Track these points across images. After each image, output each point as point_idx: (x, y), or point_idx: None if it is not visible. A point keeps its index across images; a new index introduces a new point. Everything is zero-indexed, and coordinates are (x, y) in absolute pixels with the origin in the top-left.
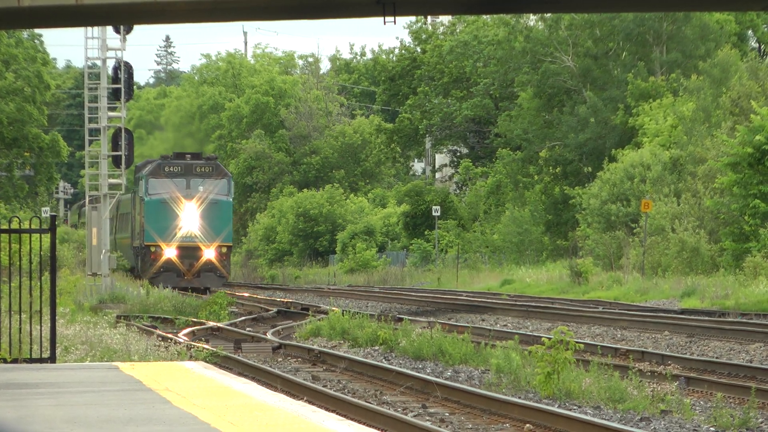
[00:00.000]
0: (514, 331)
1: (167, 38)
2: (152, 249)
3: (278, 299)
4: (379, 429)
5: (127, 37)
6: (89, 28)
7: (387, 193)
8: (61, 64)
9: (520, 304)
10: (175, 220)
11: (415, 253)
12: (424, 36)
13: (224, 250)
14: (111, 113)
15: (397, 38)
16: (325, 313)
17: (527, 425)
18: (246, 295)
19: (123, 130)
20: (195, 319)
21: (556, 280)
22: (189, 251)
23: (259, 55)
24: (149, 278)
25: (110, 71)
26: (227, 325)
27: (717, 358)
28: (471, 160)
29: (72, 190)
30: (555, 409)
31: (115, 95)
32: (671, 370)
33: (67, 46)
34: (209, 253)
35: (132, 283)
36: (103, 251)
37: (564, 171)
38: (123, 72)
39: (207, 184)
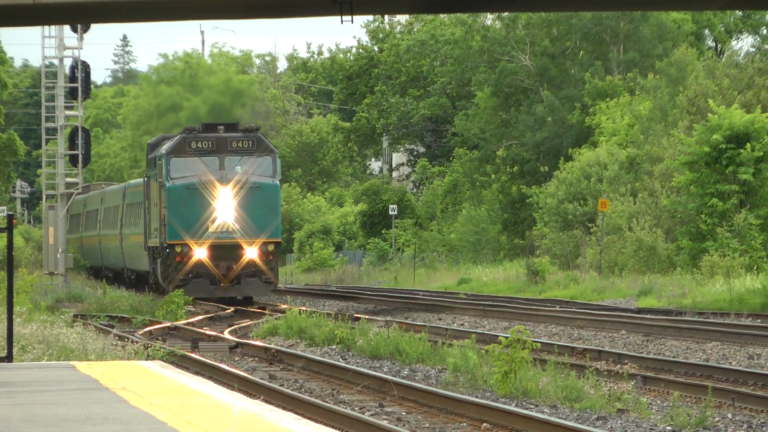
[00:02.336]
0: (471, 330)
1: (124, 37)
2: (177, 249)
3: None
4: (335, 428)
5: (85, 36)
6: (46, 27)
7: (344, 192)
8: (18, 63)
9: (477, 303)
10: (206, 211)
11: (372, 252)
12: (381, 35)
13: (271, 248)
14: (68, 112)
15: (355, 37)
16: (282, 312)
17: (484, 424)
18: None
19: (80, 129)
20: (152, 318)
21: (513, 279)
22: (226, 251)
23: (217, 55)
24: (174, 287)
25: (67, 70)
26: (184, 324)
27: (673, 357)
28: (428, 159)
29: (29, 189)
30: (512, 408)
31: (72, 94)
32: (628, 369)
33: (24, 45)
34: (252, 253)
35: (90, 282)
36: (60, 250)
37: (521, 170)
38: (80, 71)
39: (247, 164)
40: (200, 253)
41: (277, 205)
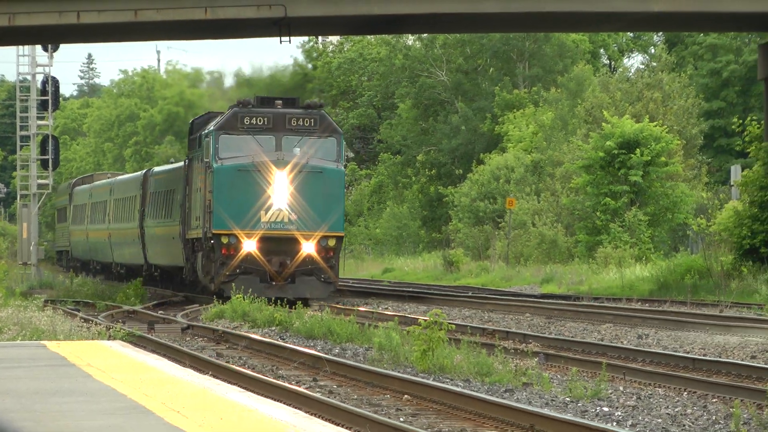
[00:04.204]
0: (394, 313)
1: (89, 56)
2: (224, 240)
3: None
4: (275, 399)
5: (54, 54)
6: (21, 47)
7: None
8: None
9: (400, 289)
10: (259, 197)
11: None
12: (315, 54)
13: (332, 242)
14: (40, 122)
15: (291, 56)
16: (228, 297)
17: (405, 396)
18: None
19: (50, 137)
20: (113, 303)
21: (431, 269)
22: (280, 244)
23: (171, 71)
24: (219, 284)
25: (39, 85)
26: (142, 309)
27: (572, 337)
28: (356, 163)
29: (5, 190)
30: (430, 381)
31: (43, 106)
32: (532, 348)
33: (1, 63)
34: (309, 247)
35: (60, 271)
36: (32, 243)
37: (438, 172)
38: (50, 85)
39: (307, 145)
40: (250, 245)
41: (340, 193)
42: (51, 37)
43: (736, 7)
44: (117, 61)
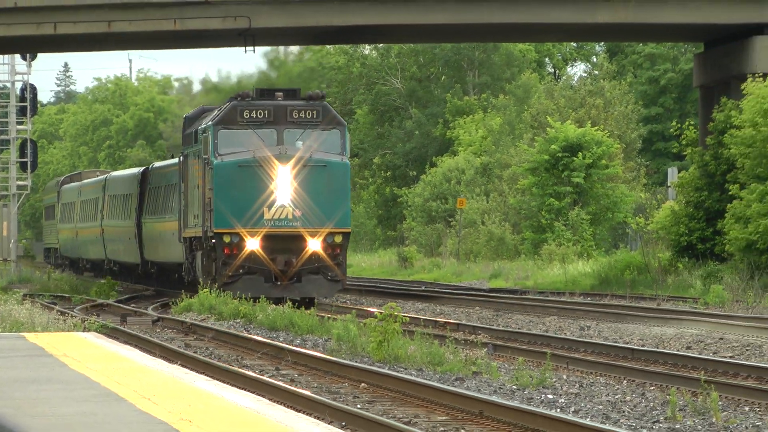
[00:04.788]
0: (351, 306)
1: (66, 64)
2: (226, 239)
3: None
4: (239, 387)
5: (33, 63)
6: (0, 56)
7: None
8: None
9: (357, 284)
10: (261, 194)
11: None
12: (277, 63)
13: (338, 239)
14: (19, 126)
15: (256, 65)
16: (196, 292)
17: (362, 384)
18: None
19: (29, 141)
20: (88, 297)
21: (387, 265)
22: (284, 242)
23: (142, 78)
24: (222, 284)
25: (18, 92)
26: (115, 302)
27: (519, 328)
28: None
29: None
30: (385, 371)
31: (22, 111)
32: (481, 339)
33: None
34: (315, 245)
35: (46, 267)
36: (12, 241)
37: (393, 174)
38: (29, 92)
39: (311, 138)
40: (253, 244)
41: (346, 187)
42: (29, 47)
43: (673, 19)
44: (91, 69)
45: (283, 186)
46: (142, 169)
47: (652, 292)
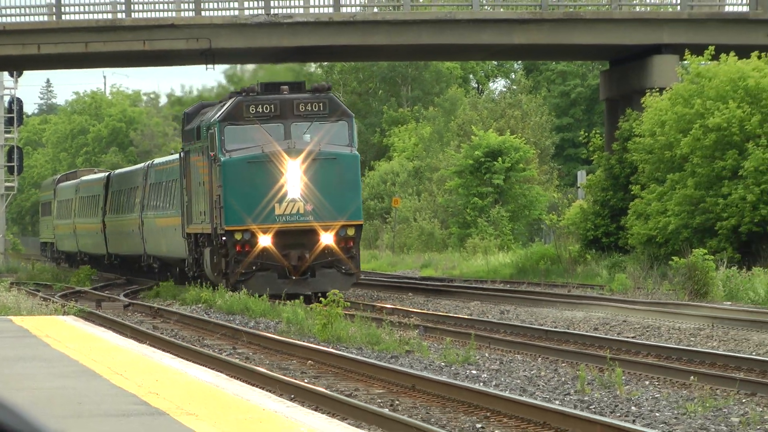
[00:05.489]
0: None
1: (48, 80)
2: (237, 236)
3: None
4: (201, 364)
5: (19, 79)
6: None
7: None
8: None
9: None
10: (271, 189)
11: None
12: (235, 78)
13: (351, 232)
14: (6, 135)
15: (216, 81)
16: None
17: (309, 361)
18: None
19: (16, 148)
20: (68, 285)
21: None
22: (297, 237)
23: (115, 93)
24: (234, 281)
25: (6, 104)
26: (91, 289)
27: (446, 312)
28: None
29: None
30: (329, 349)
31: (9, 122)
32: (414, 321)
33: None
34: (328, 239)
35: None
36: (0, 235)
37: None
38: (16, 105)
39: (318, 131)
40: (265, 240)
41: (357, 179)
42: (16, 65)
43: (582, 40)
44: (71, 84)
45: (294, 180)
46: (146, 163)
47: (564, 280)
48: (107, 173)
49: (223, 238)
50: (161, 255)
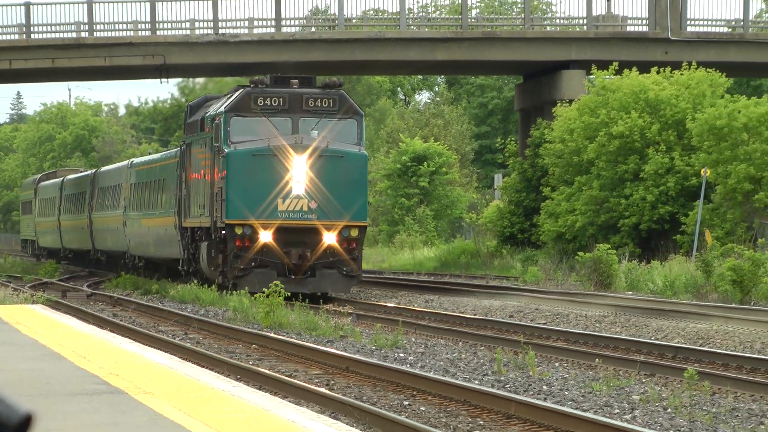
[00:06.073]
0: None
1: (18, 92)
2: (238, 231)
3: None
4: (156, 348)
5: None
6: None
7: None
8: None
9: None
10: (276, 185)
11: None
12: (187, 91)
13: (354, 233)
14: None
15: (170, 93)
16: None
17: (253, 345)
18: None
19: None
20: (36, 277)
21: None
22: (299, 235)
23: (78, 104)
24: (233, 278)
25: None
26: (57, 281)
27: (377, 301)
28: None
29: None
30: (271, 335)
31: None
32: (348, 310)
33: None
34: (330, 238)
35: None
36: None
37: None
38: None
39: (327, 127)
40: (266, 236)
41: (363, 179)
42: None
43: (498, 57)
44: (39, 96)
45: (299, 176)
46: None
47: (482, 272)
48: (93, 170)
49: (223, 232)
50: (148, 255)
